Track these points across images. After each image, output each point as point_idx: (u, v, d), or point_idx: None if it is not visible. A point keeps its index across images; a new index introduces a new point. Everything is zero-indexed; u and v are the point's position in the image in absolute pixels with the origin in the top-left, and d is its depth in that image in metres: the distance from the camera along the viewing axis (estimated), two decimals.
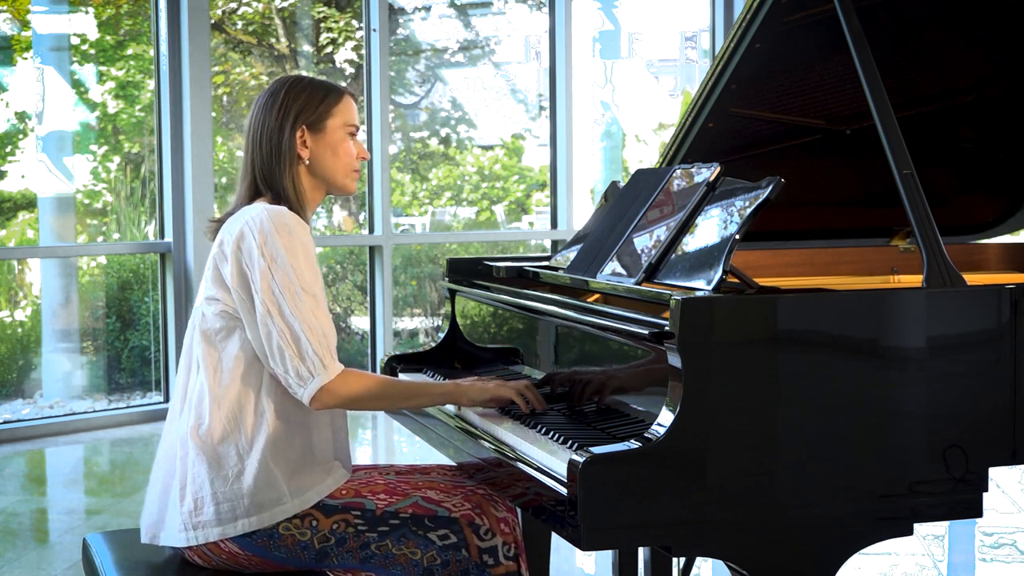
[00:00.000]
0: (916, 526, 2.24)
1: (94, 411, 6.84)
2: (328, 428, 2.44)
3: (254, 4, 8.30)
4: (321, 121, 2.45)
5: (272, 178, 2.43)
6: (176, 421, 2.42)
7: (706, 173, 2.53)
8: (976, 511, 2.24)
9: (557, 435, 2.29)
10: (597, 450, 2.02)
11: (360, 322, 7.88)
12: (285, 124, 2.43)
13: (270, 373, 2.34)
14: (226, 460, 2.33)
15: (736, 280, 2.31)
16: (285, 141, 2.43)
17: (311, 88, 2.47)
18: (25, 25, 7.26)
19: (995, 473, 2.63)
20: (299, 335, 2.29)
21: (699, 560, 3.84)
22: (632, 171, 3.05)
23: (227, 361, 2.37)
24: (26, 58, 7.22)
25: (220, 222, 2.44)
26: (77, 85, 7.33)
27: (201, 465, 2.33)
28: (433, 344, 3.21)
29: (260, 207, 2.37)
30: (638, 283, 2.46)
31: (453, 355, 3.17)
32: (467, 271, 3.18)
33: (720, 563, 3.19)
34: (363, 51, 7.49)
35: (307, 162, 2.45)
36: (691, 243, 2.45)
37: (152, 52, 6.96)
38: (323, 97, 2.47)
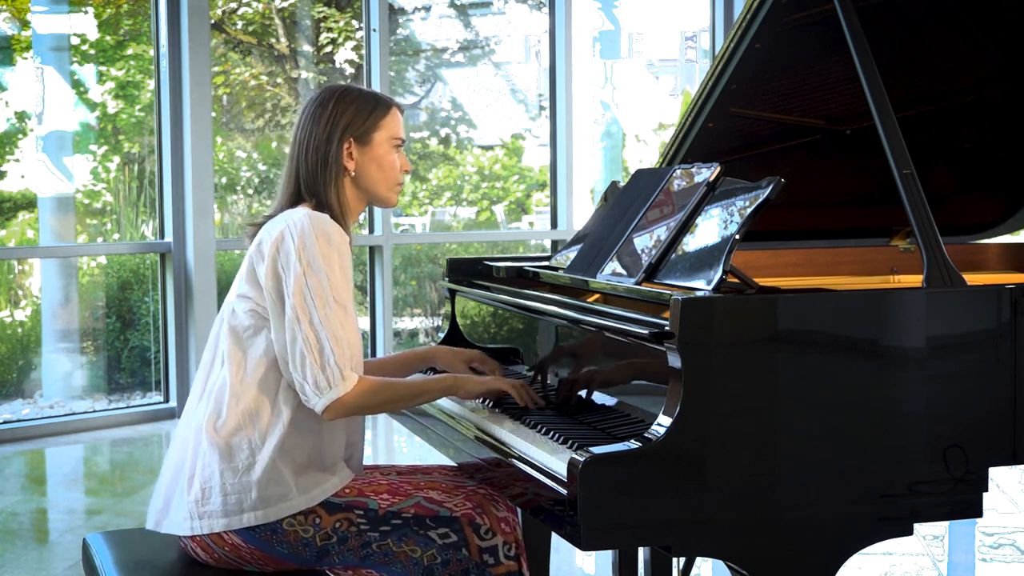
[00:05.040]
0: (916, 526, 2.24)
1: (94, 411, 6.84)
2: (342, 435, 2.46)
3: (254, 4, 8.29)
4: (368, 134, 2.48)
5: (316, 188, 2.46)
6: (193, 411, 2.45)
7: (706, 173, 2.53)
8: (976, 511, 2.24)
9: (557, 435, 2.29)
10: (597, 450, 2.02)
11: (360, 322, 7.88)
12: (333, 136, 2.45)
13: (287, 378, 2.36)
14: (238, 452, 2.35)
15: (736, 280, 2.31)
16: (332, 153, 2.45)
17: (360, 100, 2.49)
18: (25, 25, 7.26)
19: (995, 473, 2.62)
20: (324, 344, 2.31)
21: (699, 560, 3.84)
22: (632, 171, 3.05)
23: (252, 360, 2.39)
24: (26, 58, 7.22)
25: (259, 224, 2.47)
26: (77, 85, 7.33)
27: (213, 455, 2.35)
28: (433, 344, 3.21)
29: (303, 212, 2.39)
30: (638, 283, 2.46)
31: None
32: (467, 271, 3.18)
33: (720, 563, 3.19)
34: (363, 51, 7.49)
35: (352, 174, 2.48)
36: (691, 243, 2.44)
37: (152, 52, 6.96)
38: (371, 110, 2.48)
